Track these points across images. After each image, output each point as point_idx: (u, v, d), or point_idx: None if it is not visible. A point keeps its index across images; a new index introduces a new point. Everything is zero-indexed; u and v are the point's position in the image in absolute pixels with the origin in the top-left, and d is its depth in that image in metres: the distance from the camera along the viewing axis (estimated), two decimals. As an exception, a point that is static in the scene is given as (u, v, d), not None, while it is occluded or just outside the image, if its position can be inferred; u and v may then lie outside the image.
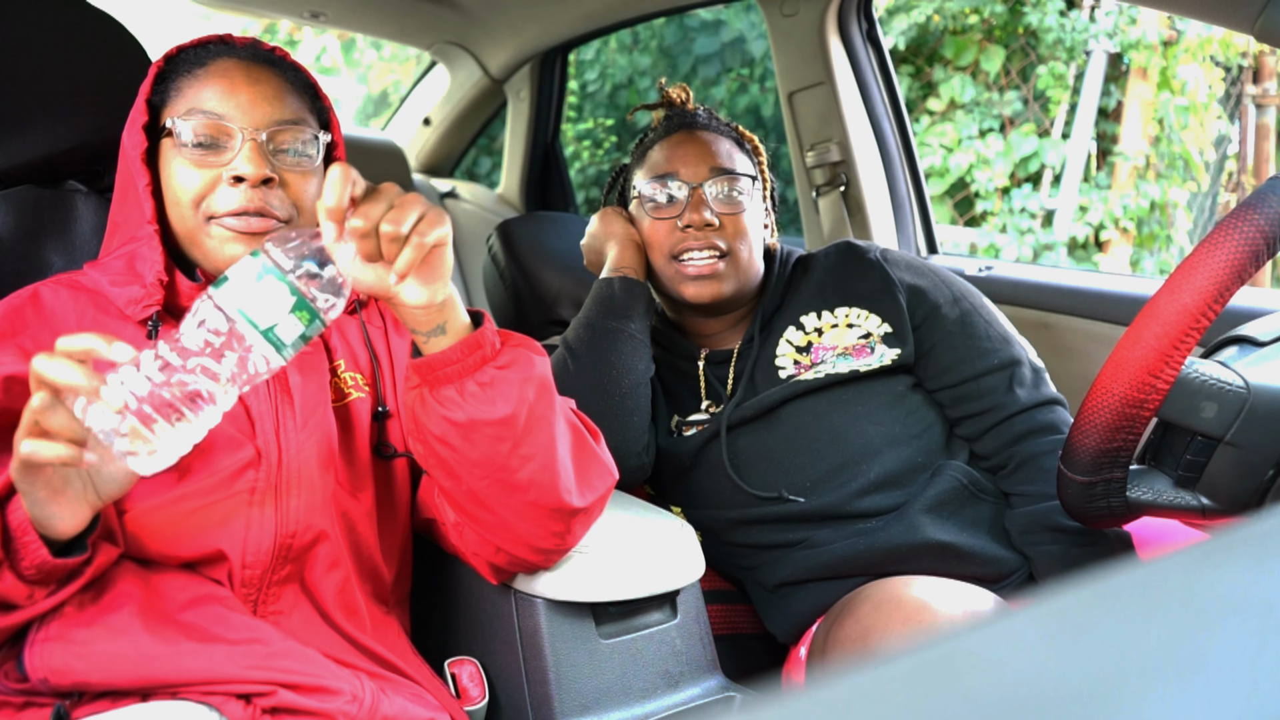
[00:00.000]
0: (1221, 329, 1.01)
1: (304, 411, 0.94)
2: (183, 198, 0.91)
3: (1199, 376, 0.88)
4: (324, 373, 0.98)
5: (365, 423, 0.99)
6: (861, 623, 1.02)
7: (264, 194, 0.90)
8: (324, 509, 0.93)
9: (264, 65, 0.95)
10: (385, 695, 0.89)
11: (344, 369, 1.01)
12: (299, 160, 0.93)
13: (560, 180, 2.70)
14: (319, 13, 2.39)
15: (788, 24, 1.88)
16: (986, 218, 4.27)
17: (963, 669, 0.23)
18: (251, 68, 0.94)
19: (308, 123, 0.95)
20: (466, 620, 1.09)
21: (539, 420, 0.87)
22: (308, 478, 0.92)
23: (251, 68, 0.94)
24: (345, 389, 1.00)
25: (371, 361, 1.03)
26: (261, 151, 0.90)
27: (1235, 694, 0.21)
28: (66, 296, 0.93)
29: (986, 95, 4.28)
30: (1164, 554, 0.27)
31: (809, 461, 1.20)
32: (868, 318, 1.25)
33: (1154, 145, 4.20)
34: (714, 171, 1.25)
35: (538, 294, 1.59)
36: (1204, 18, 1.23)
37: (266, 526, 0.90)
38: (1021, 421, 1.18)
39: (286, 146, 0.93)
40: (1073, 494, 0.94)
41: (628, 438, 1.21)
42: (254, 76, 0.93)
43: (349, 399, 0.99)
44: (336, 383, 1.00)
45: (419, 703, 0.92)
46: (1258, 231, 0.81)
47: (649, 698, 1.02)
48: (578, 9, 2.18)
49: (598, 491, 0.94)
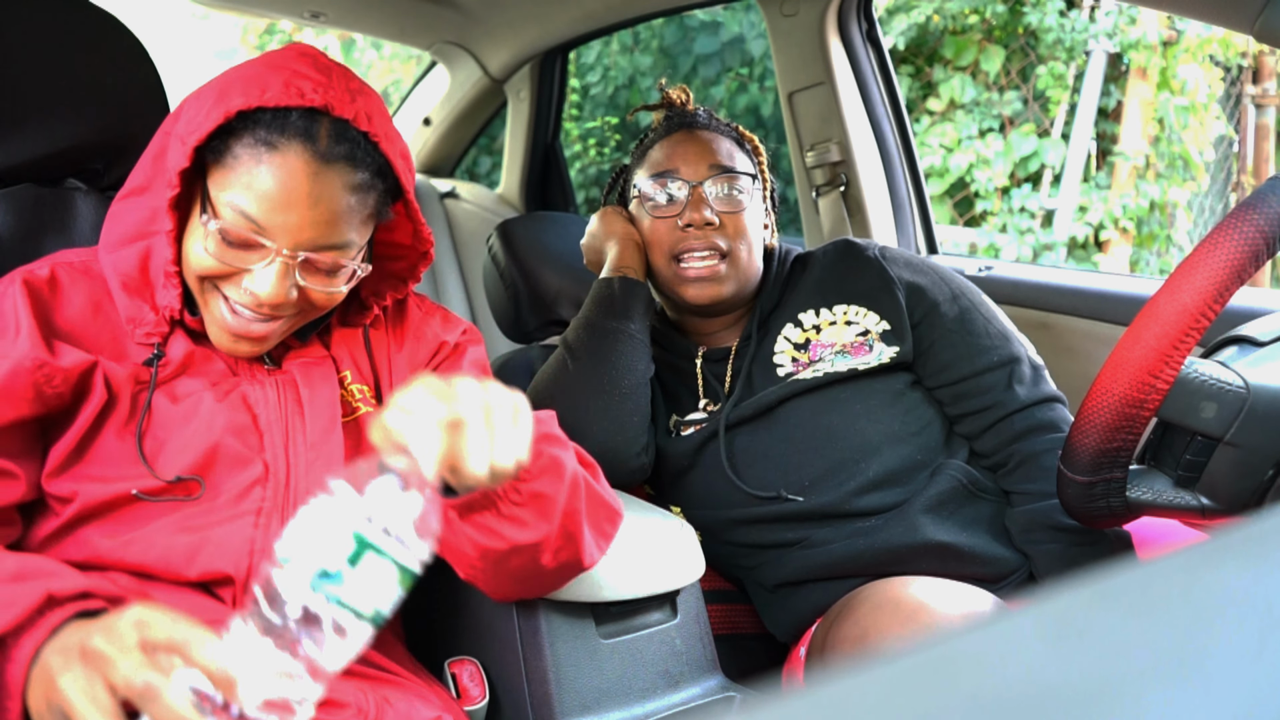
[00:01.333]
0: (1221, 329, 1.01)
1: (314, 427, 0.91)
2: (195, 270, 0.85)
3: (1199, 376, 0.88)
4: (334, 385, 0.95)
5: None
6: (860, 624, 1.02)
7: (276, 309, 0.85)
8: None
9: (337, 167, 0.81)
10: (389, 703, 0.88)
11: (351, 380, 0.97)
12: (328, 283, 0.86)
13: (560, 180, 2.70)
14: (319, 13, 2.39)
15: (788, 24, 1.88)
16: (986, 218, 4.27)
17: (963, 669, 0.23)
18: (320, 175, 0.80)
19: (351, 248, 0.85)
20: (466, 620, 1.09)
21: (571, 517, 0.85)
22: None
23: (320, 175, 0.80)
24: (353, 402, 0.97)
25: (373, 374, 0.99)
26: (288, 272, 0.83)
27: (1235, 694, 0.21)
28: (84, 285, 0.90)
29: (986, 95, 4.28)
30: (1164, 554, 0.27)
31: (808, 460, 1.20)
32: (866, 315, 1.24)
33: (1154, 145, 4.20)
34: (714, 170, 1.25)
35: (538, 294, 1.59)
36: (1204, 18, 1.23)
37: (271, 549, 0.86)
38: (1021, 419, 1.18)
39: (321, 267, 0.85)
40: (1072, 494, 0.94)
41: (627, 438, 1.21)
42: (317, 193, 0.81)
43: (358, 413, 0.96)
44: (345, 395, 0.97)
45: (422, 702, 0.91)
46: (1257, 231, 0.81)
47: (649, 698, 1.02)
48: (578, 9, 2.18)
49: (610, 538, 0.93)
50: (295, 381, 0.93)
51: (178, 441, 0.87)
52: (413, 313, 1.03)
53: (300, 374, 0.94)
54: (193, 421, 0.88)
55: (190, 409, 0.88)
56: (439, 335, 1.02)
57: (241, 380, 0.92)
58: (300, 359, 0.95)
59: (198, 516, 0.86)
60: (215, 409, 0.89)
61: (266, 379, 0.93)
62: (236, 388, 0.91)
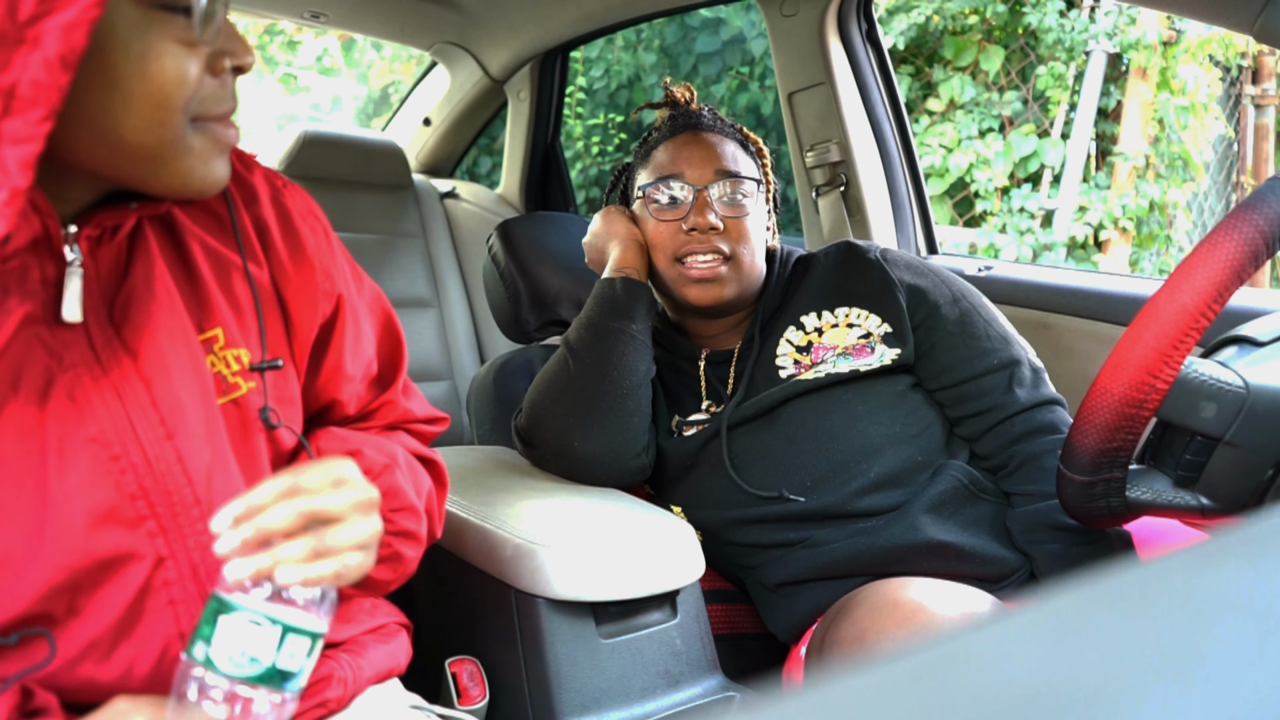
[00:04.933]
0: (1221, 329, 1.01)
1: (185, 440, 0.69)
2: (170, 94, 0.60)
3: (1198, 376, 0.88)
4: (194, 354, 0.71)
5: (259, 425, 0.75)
6: (858, 624, 1.02)
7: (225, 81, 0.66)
8: None
9: None
10: (362, 655, 0.84)
11: (222, 343, 0.74)
12: None
13: (560, 180, 2.70)
14: (319, 13, 2.39)
15: (787, 24, 1.88)
16: (986, 218, 4.27)
17: (963, 669, 0.23)
18: None
19: None
20: (466, 620, 1.09)
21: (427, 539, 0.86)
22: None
23: None
24: (230, 377, 0.74)
25: (257, 315, 0.76)
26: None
27: (1235, 694, 0.21)
28: None
29: (986, 95, 4.28)
30: (1164, 554, 0.27)
31: (809, 461, 1.20)
32: (868, 317, 1.25)
33: (1154, 145, 4.20)
34: (718, 174, 1.25)
35: (538, 294, 1.59)
36: (1204, 18, 1.23)
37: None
38: (1021, 422, 1.18)
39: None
40: (1072, 494, 0.94)
41: (628, 438, 1.21)
42: None
43: (238, 393, 0.74)
44: (217, 367, 0.73)
45: (381, 640, 0.87)
46: (1257, 231, 0.81)
47: (649, 697, 1.02)
48: (578, 9, 2.18)
49: (437, 498, 0.90)
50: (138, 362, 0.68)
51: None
52: None
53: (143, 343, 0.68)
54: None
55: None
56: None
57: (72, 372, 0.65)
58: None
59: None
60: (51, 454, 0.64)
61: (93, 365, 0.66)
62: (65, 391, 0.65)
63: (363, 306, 0.87)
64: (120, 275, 0.68)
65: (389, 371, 0.91)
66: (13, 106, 0.52)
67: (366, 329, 0.87)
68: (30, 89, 0.52)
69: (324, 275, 0.81)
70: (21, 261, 0.62)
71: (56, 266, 0.64)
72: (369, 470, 0.79)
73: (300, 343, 0.80)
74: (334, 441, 0.83)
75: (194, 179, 0.64)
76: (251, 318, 0.75)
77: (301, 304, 0.80)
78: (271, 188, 0.81)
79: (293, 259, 0.79)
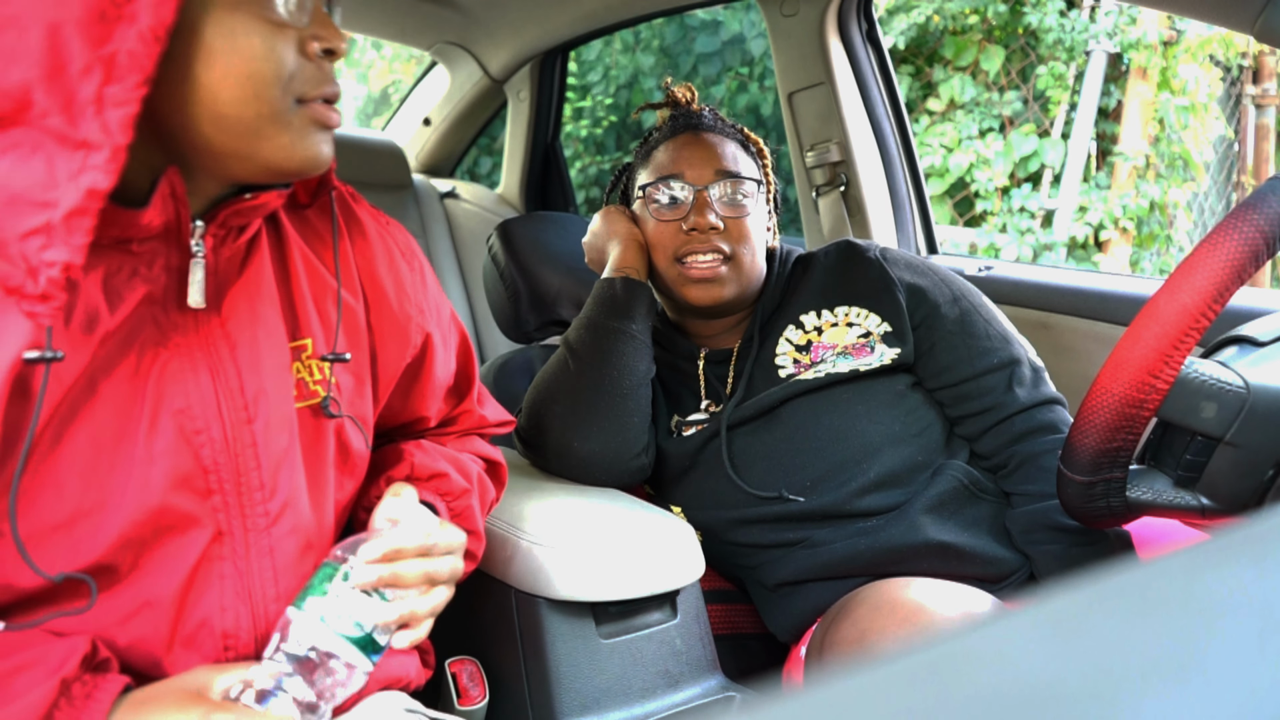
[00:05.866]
0: (1221, 329, 1.01)
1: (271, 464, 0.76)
2: (258, 68, 0.66)
3: (1199, 376, 0.88)
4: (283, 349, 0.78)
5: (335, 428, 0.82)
6: (858, 625, 1.02)
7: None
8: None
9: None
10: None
11: (309, 353, 0.80)
12: None
13: (560, 180, 2.70)
14: (319, 12, 2.38)
15: (787, 24, 1.88)
16: (986, 218, 4.27)
17: (963, 669, 0.23)
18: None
19: None
20: (466, 620, 1.09)
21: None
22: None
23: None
24: (310, 384, 0.80)
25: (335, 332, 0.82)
26: None
27: (1235, 694, 0.21)
28: None
29: (986, 95, 4.28)
30: (1164, 554, 0.27)
31: (809, 461, 1.20)
32: (867, 317, 1.25)
33: (1154, 145, 4.20)
34: (719, 174, 1.25)
35: (538, 294, 1.59)
36: (1204, 18, 1.23)
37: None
38: (1021, 421, 1.18)
39: None
40: (1072, 494, 0.94)
41: (628, 438, 1.21)
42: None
43: (315, 400, 0.80)
44: (300, 373, 0.79)
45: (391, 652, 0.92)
46: (1257, 231, 0.81)
47: (649, 697, 1.02)
48: (578, 9, 2.18)
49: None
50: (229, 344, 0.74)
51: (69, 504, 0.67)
52: None
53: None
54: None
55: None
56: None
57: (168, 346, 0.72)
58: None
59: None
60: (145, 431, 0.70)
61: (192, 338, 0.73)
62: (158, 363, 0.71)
63: (447, 332, 0.95)
64: (233, 272, 0.75)
65: (464, 383, 0.99)
66: (114, 74, 0.60)
67: (449, 352, 0.95)
68: (128, 58, 0.60)
69: (417, 312, 0.89)
70: (152, 248, 0.70)
71: (180, 256, 0.71)
72: (449, 493, 0.90)
73: (386, 375, 0.88)
74: (425, 457, 0.91)
75: (295, 154, 0.70)
76: (343, 338, 0.83)
77: (391, 341, 0.87)
78: (376, 225, 0.88)
79: (389, 298, 0.87)
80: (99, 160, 0.60)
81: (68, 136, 0.60)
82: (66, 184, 0.60)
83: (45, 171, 0.60)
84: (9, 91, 0.60)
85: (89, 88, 0.60)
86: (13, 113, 0.61)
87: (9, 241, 0.61)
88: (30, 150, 0.61)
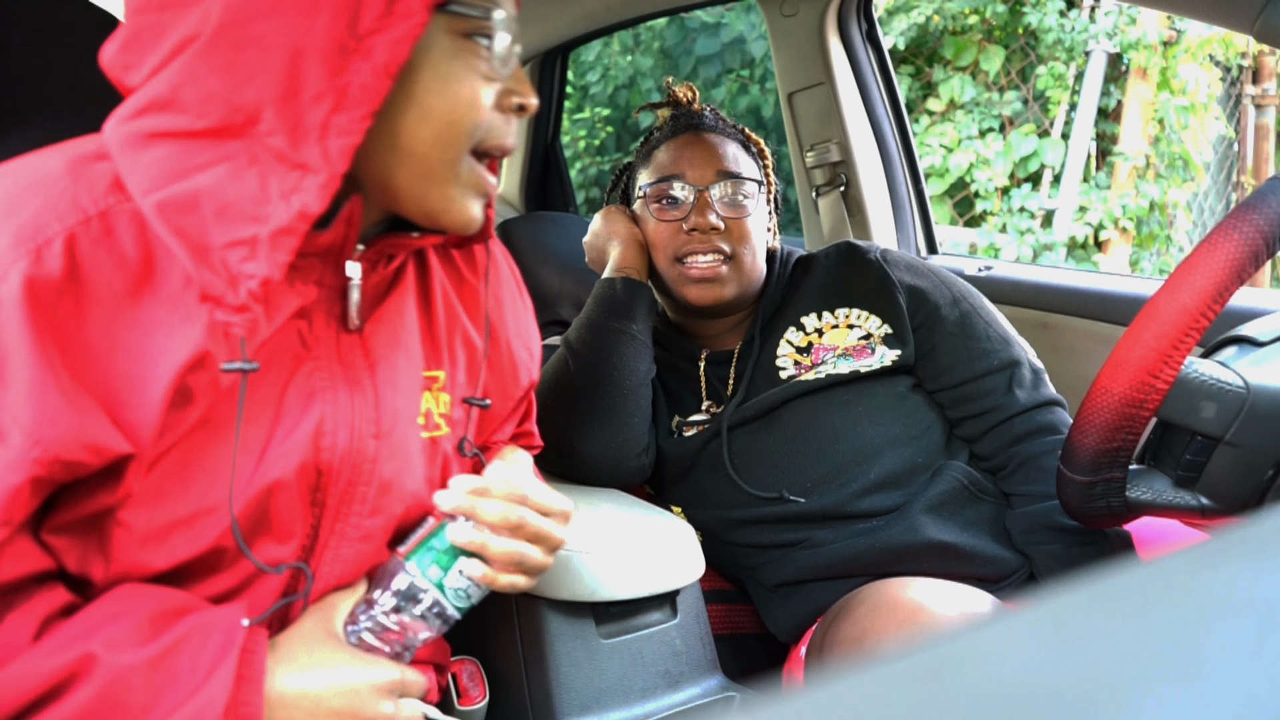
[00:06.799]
0: (1221, 329, 1.01)
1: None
2: (461, 115, 0.69)
3: (1198, 376, 0.88)
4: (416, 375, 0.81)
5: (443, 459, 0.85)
6: (858, 625, 1.02)
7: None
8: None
9: None
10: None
11: (440, 385, 0.83)
12: None
13: (560, 180, 2.69)
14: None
15: (787, 24, 1.88)
16: (986, 218, 4.27)
17: (963, 669, 0.23)
18: None
19: None
20: (467, 620, 1.09)
21: None
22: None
23: None
24: (436, 415, 0.82)
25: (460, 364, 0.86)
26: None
27: (1234, 694, 0.21)
28: (106, 257, 0.63)
29: (986, 95, 4.28)
30: (1164, 554, 0.27)
31: (809, 462, 1.20)
32: (868, 318, 1.25)
33: (1154, 145, 4.20)
34: (720, 175, 1.25)
35: (538, 294, 1.59)
36: (1204, 18, 1.23)
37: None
38: (1021, 423, 1.18)
39: None
40: (1072, 494, 0.94)
41: (628, 438, 1.21)
42: None
43: (438, 432, 0.83)
44: (428, 403, 0.81)
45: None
46: (1257, 231, 0.81)
47: (649, 698, 1.02)
48: (578, 9, 2.18)
49: None
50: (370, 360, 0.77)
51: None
52: None
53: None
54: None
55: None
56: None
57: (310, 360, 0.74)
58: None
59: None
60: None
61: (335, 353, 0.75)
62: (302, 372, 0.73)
63: (537, 367, 0.99)
64: (378, 297, 0.78)
65: (528, 405, 1.02)
66: (343, 104, 0.62)
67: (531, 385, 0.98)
68: (359, 91, 0.62)
69: (528, 355, 0.94)
70: (310, 263, 0.71)
71: (335, 275, 0.74)
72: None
73: (495, 415, 0.93)
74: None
75: (452, 208, 0.72)
76: (464, 374, 0.86)
77: (501, 389, 0.92)
78: (507, 263, 0.93)
79: (510, 341, 0.92)
80: (314, 184, 0.62)
81: (287, 157, 0.62)
82: (278, 201, 0.62)
83: (259, 187, 0.62)
84: (241, 106, 0.62)
85: (317, 114, 0.62)
86: (237, 127, 0.62)
87: (212, 249, 0.62)
88: (246, 164, 0.62)
